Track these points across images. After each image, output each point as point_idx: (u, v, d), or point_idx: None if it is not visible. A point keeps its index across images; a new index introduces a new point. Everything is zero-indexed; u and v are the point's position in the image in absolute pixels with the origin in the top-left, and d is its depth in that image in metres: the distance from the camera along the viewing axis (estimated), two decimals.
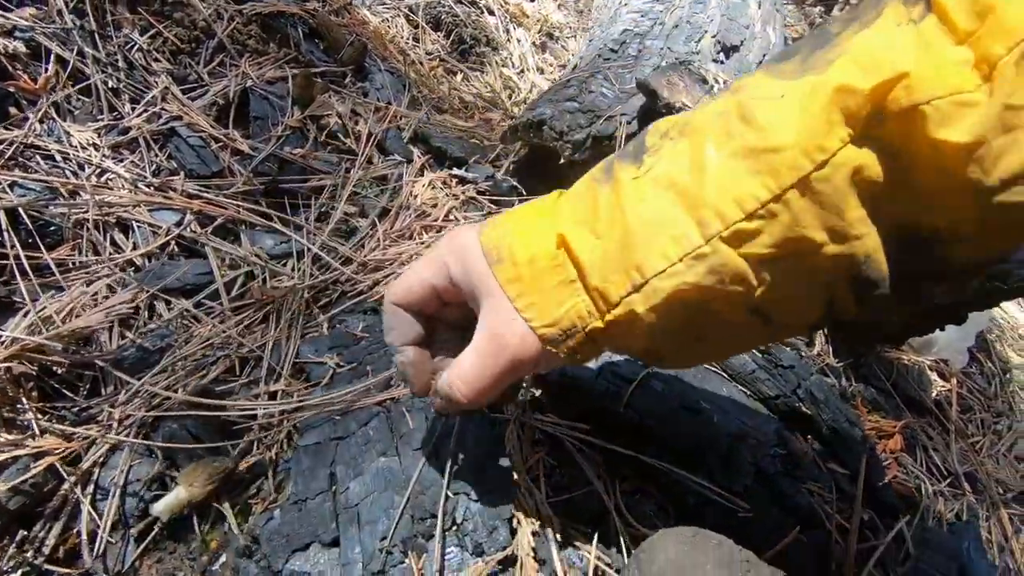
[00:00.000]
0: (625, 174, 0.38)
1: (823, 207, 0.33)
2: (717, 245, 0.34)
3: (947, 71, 0.29)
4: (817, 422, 0.69)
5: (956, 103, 0.28)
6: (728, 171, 0.34)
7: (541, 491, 0.57)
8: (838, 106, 0.31)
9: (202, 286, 0.77)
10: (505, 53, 1.62)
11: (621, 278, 0.37)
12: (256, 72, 0.98)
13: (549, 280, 0.39)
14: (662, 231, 0.36)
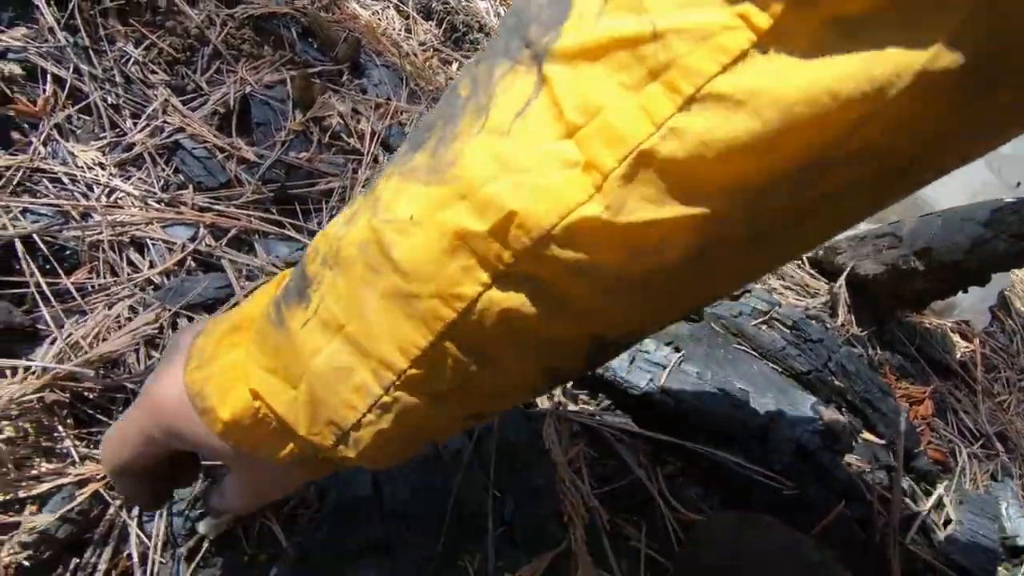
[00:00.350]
0: (295, 322, 0.35)
1: (475, 350, 0.31)
2: (396, 394, 0.33)
3: (556, 186, 0.25)
4: (850, 394, 0.69)
5: (574, 223, 0.25)
6: (385, 314, 0.31)
7: (585, 483, 0.57)
8: (466, 250, 0.28)
9: (223, 299, 0.76)
10: None
11: (325, 432, 0.35)
12: (254, 77, 0.96)
13: (262, 432, 0.37)
14: (344, 383, 0.33)
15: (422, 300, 0.30)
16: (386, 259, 0.30)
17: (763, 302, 0.74)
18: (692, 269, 0.28)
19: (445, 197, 0.28)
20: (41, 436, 0.60)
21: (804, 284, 0.94)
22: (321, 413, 0.34)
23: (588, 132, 0.24)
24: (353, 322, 0.32)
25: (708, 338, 0.70)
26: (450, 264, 0.29)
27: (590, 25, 0.24)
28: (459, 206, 0.28)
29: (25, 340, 0.65)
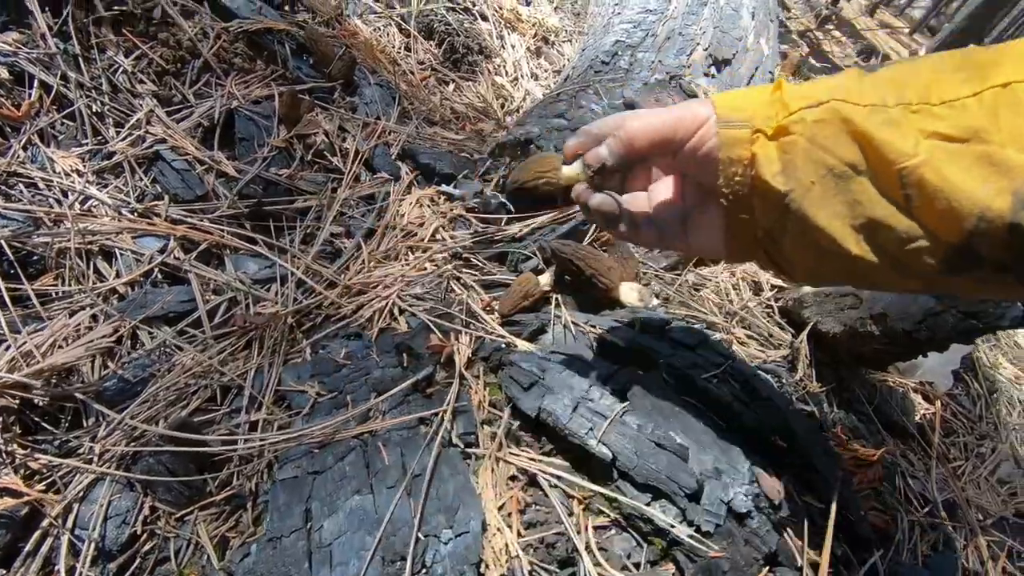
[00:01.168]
0: (852, 70, 0.46)
1: (1015, 113, 0.37)
2: (902, 111, 0.41)
3: None
4: (793, 456, 0.69)
5: None
6: (944, 76, 0.41)
7: (512, 530, 0.58)
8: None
9: (185, 313, 0.77)
10: (498, 60, 1.61)
11: (807, 99, 0.44)
12: (242, 91, 0.98)
13: (755, 93, 0.47)
14: (864, 89, 0.43)
15: (998, 66, 0.39)
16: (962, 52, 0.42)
17: (718, 355, 0.75)
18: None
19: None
20: None
21: (769, 334, 0.94)
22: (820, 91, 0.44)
23: None
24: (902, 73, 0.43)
25: (657, 389, 0.70)
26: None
27: None
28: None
29: None
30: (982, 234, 0.39)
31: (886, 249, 0.44)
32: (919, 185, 0.40)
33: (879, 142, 0.41)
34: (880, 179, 0.42)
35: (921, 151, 0.40)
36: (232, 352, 0.77)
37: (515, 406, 0.68)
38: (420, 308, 0.87)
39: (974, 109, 0.39)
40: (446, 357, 0.75)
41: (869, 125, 0.42)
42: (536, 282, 0.85)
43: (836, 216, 0.44)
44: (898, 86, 0.42)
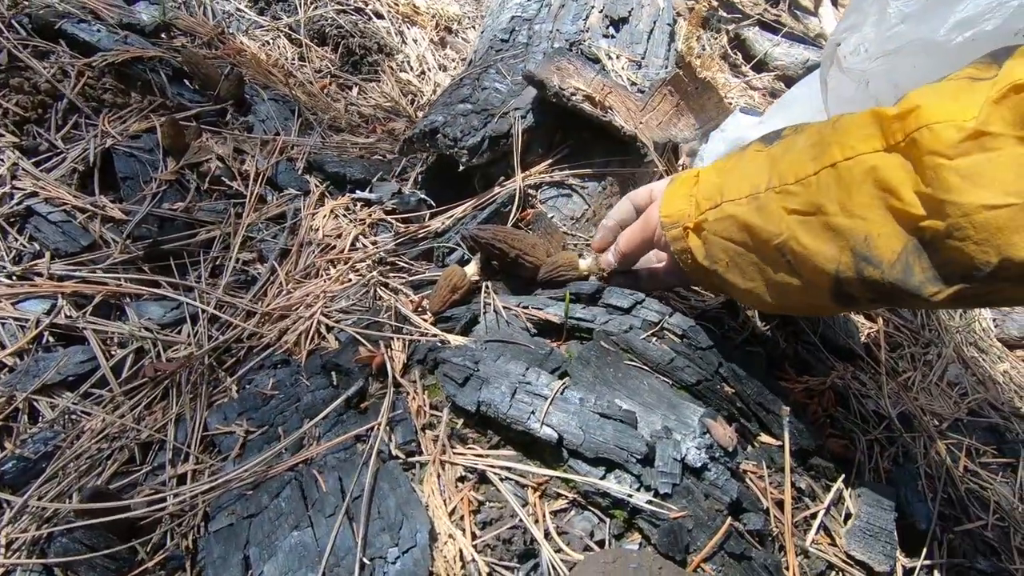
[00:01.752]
0: (753, 146, 0.63)
1: (839, 187, 0.50)
2: (769, 194, 0.56)
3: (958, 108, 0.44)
4: (742, 399, 0.68)
5: (949, 126, 0.44)
6: (800, 153, 0.55)
7: (466, 534, 0.55)
8: (876, 124, 0.49)
9: (87, 375, 0.71)
10: (401, 57, 1.56)
11: (712, 198, 0.62)
12: (118, 128, 0.91)
13: (680, 191, 0.67)
14: (747, 177, 0.59)
15: (829, 145, 0.51)
16: (832, 124, 0.53)
17: (654, 313, 0.73)
18: None
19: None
20: None
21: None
22: (720, 188, 0.62)
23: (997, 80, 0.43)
24: (779, 150, 0.58)
25: (597, 359, 0.68)
26: (861, 130, 0.49)
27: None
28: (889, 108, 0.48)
29: None
30: (844, 282, 0.52)
31: (793, 298, 0.60)
32: (792, 253, 0.55)
33: (757, 228, 0.57)
34: (766, 253, 0.58)
35: (784, 228, 0.55)
36: (148, 405, 0.72)
37: (454, 403, 0.65)
38: (347, 322, 0.82)
39: (815, 186, 0.52)
40: (377, 367, 0.71)
41: (748, 216, 0.58)
42: (462, 273, 0.81)
43: (751, 280, 0.62)
44: (773, 165, 0.57)
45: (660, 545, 0.55)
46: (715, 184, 0.62)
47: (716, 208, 0.61)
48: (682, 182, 0.68)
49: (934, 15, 0.67)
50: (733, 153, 0.65)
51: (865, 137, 0.49)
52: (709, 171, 0.65)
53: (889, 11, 0.71)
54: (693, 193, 0.64)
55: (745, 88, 2.30)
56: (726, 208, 0.60)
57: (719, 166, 0.65)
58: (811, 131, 0.55)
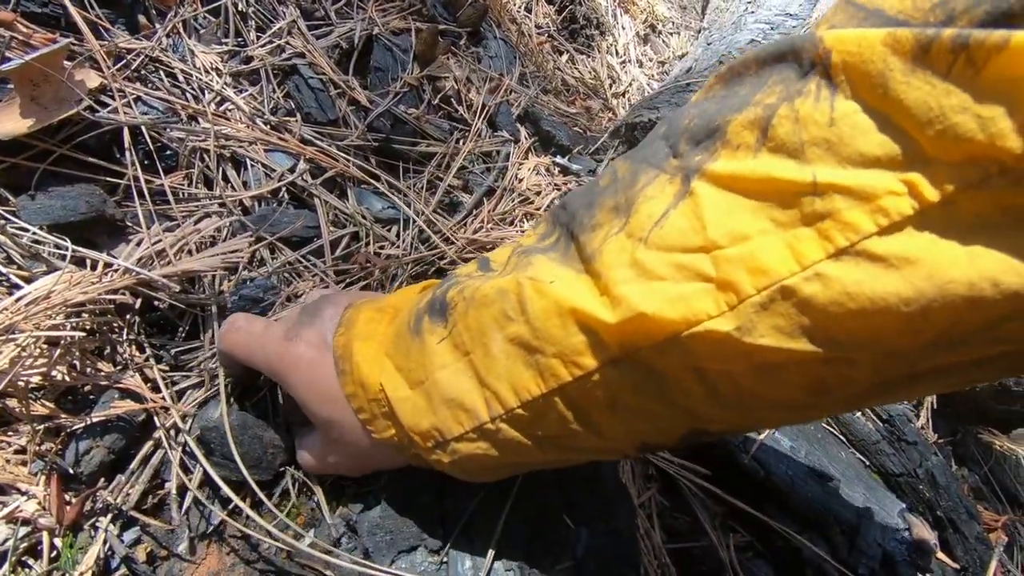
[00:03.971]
0: (432, 336, 0.40)
1: (579, 411, 0.35)
2: (500, 425, 0.38)
3: (688, 297, 0.28)
4: (936, 508, 0.64)
5: (701, 333, 0.28)
6: (507, 356, 0.36)
7: (657, 534, 0.54)
8: (594, 332, 0.32)
9: (308, 240, 0.73)
10: (611, 39, 1.54)
11: (427, 433, 0.41)
12: (382, 19, 0.93)
13: (376, 410, 0.43)
14: (457, 402, 0.39)
15: (545, 356, 0.34)
16: (521, 311, 0.35)
17: None
18: (808, 395, 0.29)
19: (584, 284, 0.32)
20: (107, 337, 0.56)
21: None
22: (431, 418, 0.40)
23: (730, 255, 0.26)
24: (478, 352, 0.37)
25: None
26: (577, 336, 0.32)
27: (747, 159, 0.27)
28: (593, 297, 0.31)
29: (110, 233, 0.62)
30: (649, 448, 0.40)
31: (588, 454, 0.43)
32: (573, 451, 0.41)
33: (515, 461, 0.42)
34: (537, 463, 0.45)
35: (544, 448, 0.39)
36: (352, 287, 0.73)
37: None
38: None
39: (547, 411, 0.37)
40: None
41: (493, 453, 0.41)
42: None
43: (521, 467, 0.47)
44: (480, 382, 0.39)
45: None
46: (416, 407, 0.40)
47: (442, 448, 0.41)
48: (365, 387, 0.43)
49: None
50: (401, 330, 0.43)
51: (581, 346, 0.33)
52: (389, 378, 0.42)
53: None
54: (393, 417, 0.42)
55: None
56: (456, 447, 0.40)
57: (398, 365, 0.42)
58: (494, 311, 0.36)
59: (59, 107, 0.59)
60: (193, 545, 0.52)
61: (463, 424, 0.39)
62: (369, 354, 0.43)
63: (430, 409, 0.40)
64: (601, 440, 0.37)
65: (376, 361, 0.42)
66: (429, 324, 0.41)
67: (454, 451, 0.40)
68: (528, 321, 0.34)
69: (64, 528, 0.47)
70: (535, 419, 0.36)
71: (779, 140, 0.26)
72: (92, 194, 0.59)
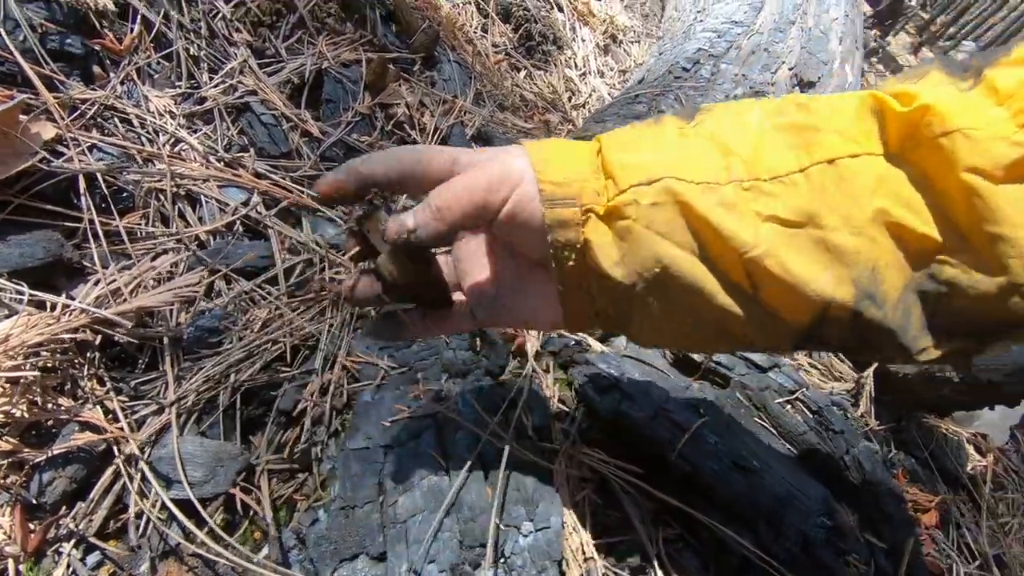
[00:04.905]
0: (672, 123, 0.40)
1: (843, 193, 0.35)
2: (735, 189, 0.36)
3: (982, 116, 0.32)
4: (862, 492, 0.68)
5: (994, 137, 0.31)
6: (767, 138, 0.37)
7: (587, 530, 0.57)
8: (878, 119, 0.35)
9: (263, 269, 0.77)
10: (569, 53, 1.59)
11: (638, 171, 0.37)
12: (332, 52, 0.97)
13: (574, 157, 0.40)
14: (691, 159, 0.37)
15: (820, 133, 0.36)
16: (798, 107, 0.37)
17: (790, 380, 0.74)
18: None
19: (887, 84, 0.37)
20: (67, 373, 0.60)
21: (831, 366, 0.93)
22: (652, 163, 0.38)
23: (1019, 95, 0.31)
24: (729, 133, 0.38)
25: (732, 407, 0.69)
26: (862, 122, 0.36)
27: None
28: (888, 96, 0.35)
29: (68, 275, 0.66)
30: (829, 322, 0.37)
31: (735, 333, 0.40)
32: (764, 275, 0.36)
33: (721, 231, 0.36)
34: (723, 268, 0.38)
35: (761, 240, 0.36)
36: (306, 315, 0.77)
37: (589, 406, 0.68)
38: None
39: (803, 187, 0.36)
40: (519, 347, 0.74)
41: (706, 210, 0.36)
42: None
43: (675, 306, 0.40)
44: (724, 152, 0.37)
45: None
46: (642, 158, 0.38)
47: (653, 185, 0.37)
48: (568, 146, 0.42)
49: None
50: (637, 128, 0.41)
51: (864, 132, 0.35)
52: (618, 144, 0.40)
53: None
54: (596, 162, 0.40)
55: None
56: (674, 187, 0.37)
57: (636, 141, 0.40)
58: (768, 110, 0.38)
59: (16, 160, 0.63)
60: (154, 565, 0.56)
61: (692, 175, 0.37)
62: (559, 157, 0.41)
63: (657, 159, 0.38)
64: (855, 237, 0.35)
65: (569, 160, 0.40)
66: (670, 117, 0.41)
67: (665, 189, 0.37)
68: (809, 111, 0.37)
69: (28, 555, 0.51)
70: (778, 195, 0.36)
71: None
72: (50, 240, 0.63)
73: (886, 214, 0.34)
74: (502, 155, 0.41)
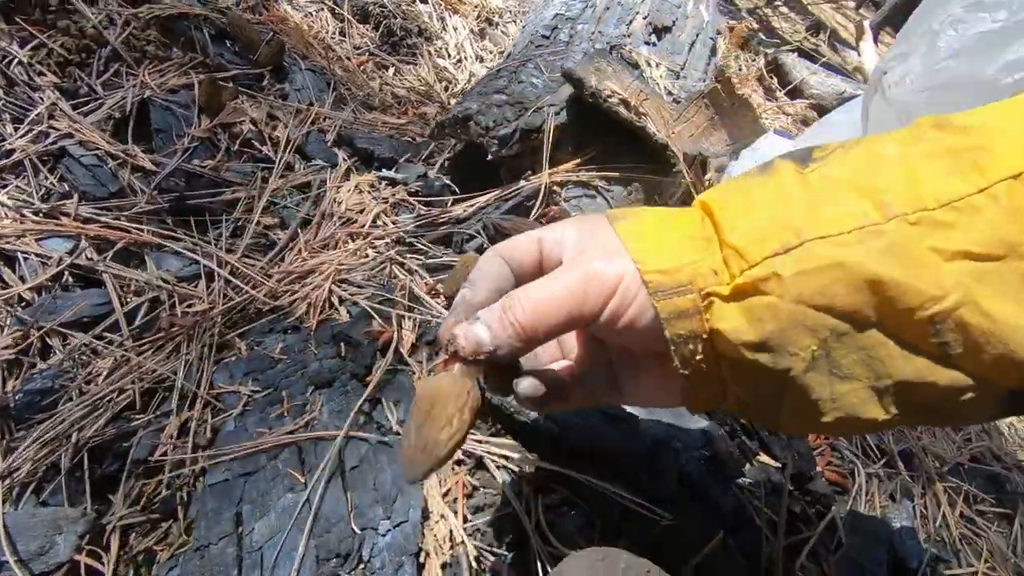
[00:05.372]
0: (788, 167, 0.34)
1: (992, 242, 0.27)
2: (901, 225, 0.29)
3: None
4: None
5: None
6: (916, 167, 0.30)
7: (458, 516, 0.55)
8: None
9: (101, 317, 0.72)
10: (440, 43, 1.56)
11: (768, 241, 0.31)
12: (157, 81, 0.92)
13: (677, 233, 0.35)
14: (828, 206, 0.31)
15: (987, 152, 0.29)
16: (940, 129, 0.31)
17: None
18: None
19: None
20: None
21: None
22: (782, 222, 0.31)
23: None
24: (863, 173, 0.31)
25: None
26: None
27: None
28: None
29: None
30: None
31: (924, 406, 0.33)
32: (960, 330, 0.29)
33: (894, 284, 0.29)
34: (901, 330, 0.31)
35: (949, 286, 0.29)
36: (158, 355, 0.72)
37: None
38: (361, 296, 0.83)
39: (990, 212, 0.28)
40: (385, 344, 0.72)
41: (872, 263, 0.29)
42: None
43: (848, 382, 0.32)
44: (867, 190, 0.31)
45: (650, 550, 0.55)
46: (756, 221, 0.32)
47: (788, 253, 0.31)
48: (671, 219, 0.36)
49: (984, 53, 0.67)
50: (745, 179, 0.35)
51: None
52: (734, 198, 0.34)
53: (939, 45, 0.70)
54: (710, 237, 0.34)
55: (778, 112, 2.28)
56: (817, 251, 0.30)
57: (750, 192, 0.34)
58: (899, 140, 0.32)
59: None
60: None
61: (841, 224, 0.30)
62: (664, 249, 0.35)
63: (784, 215, 0.31)
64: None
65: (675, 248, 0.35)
66: (783, 162, 0.34)
67: (809, 255, 0.30)
68: (959, 130, 0.30)
69: None
70: (955, 223, 0.28)
71: None
72: None
73: None
74: (594, 262, 0.35)
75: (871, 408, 0.33)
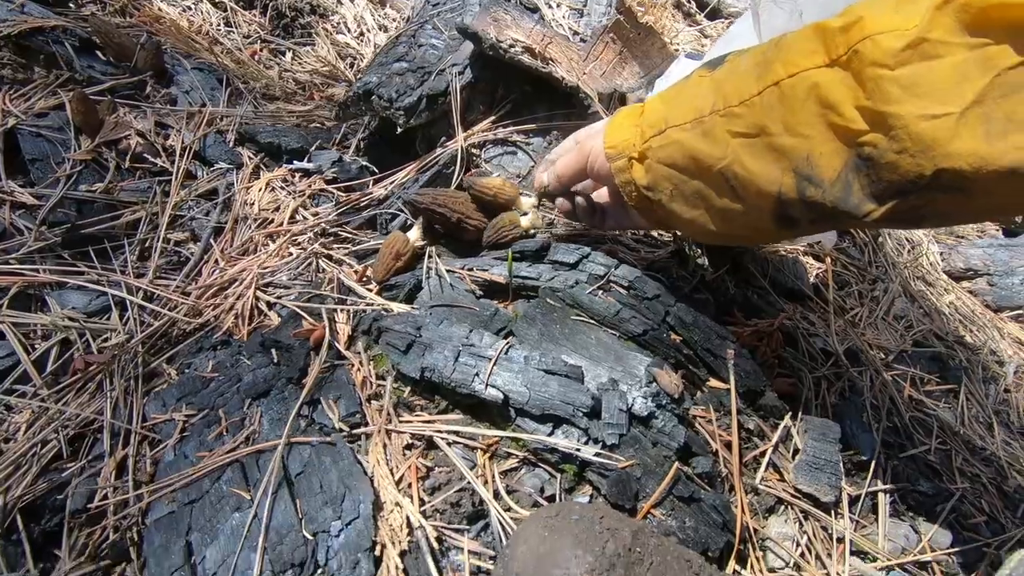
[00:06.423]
0: (697, 73, 0.60)
1: (783, 106, 0.48)
2: (714, 117, 0.54)
3: (902, 18, 0.41)
4: (690, 345, 0.68)
5: (891, 31, 0.41)
6: (746, 73, 0.52)
7: (414, 500, 0.54)
8: (820, 39, 0.46)
9: (7, 370, 0.67)
10: (336, 18, 1.48)
11: (657, 125, 0.59)
12: (21, 106, 0.84)
13: (628, 121, 0.64)
14: (691, 103, 0.57)
15: (772, 64, 0.49)
16: (775, 43, 0.51)
17: (600, 266, 0.72)
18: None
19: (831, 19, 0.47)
20: None
21: (658, 234, 0.93)
22: (665, 114, 0.59)
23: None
24: (725, 74, 0.55)
25: (542, 316, 0.67)
26: (808, 43, 0.47)
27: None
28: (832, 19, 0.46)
29: None
30: (787, 203, 0.51)
31: (736, 223, 0.58)
32: (735, 177, 0.54)
33: (701, 153, 0.55)
34: (710, 178, 0.56)
35: (728, 152, 0.53)
36: (80, 398, 0.68)
37: (399, 372, 0.64)
38: (288, 297, 0.79)
39: (758, 107, 0.50)
40: (317, 341, 0.69)
41: (692, 142, 0.56)
42: (405, 239, 0.79)
43: (694, 208, 0.60)
44: (718, 88, 0.55)
45: (610, 495, 0.55)
46: (660, 112, 0.59)
47: (661, 135, 0.58)
48: (628, 114, 0.65)
49: None
50: (678, 81, 0.62)
51: (807, 52, 0.47)
52: (655, 100, 0.62)
53: None
54: (639, 123, 0.61)
55: (699, 36, 2.26)
56: (671, 134, 0.57)
57: (665, 95, 0.62)
58: (755, 52, 0.53)
59: None
60: None
61: (687, 115, 0.56)
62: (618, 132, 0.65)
63: (668, 104, 0.60)
64: (791, 138, 0.48)
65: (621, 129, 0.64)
66: (700, 70, 0.60)
67: (667, 137, 0.58)
68: (777, 46, 0.50)
69: None
70: (743, 116, 0.51)
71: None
72: None
73: (819, 114, 0.46)
74: (588, 139, 0.70)
75: (710, 224, 0.60)
